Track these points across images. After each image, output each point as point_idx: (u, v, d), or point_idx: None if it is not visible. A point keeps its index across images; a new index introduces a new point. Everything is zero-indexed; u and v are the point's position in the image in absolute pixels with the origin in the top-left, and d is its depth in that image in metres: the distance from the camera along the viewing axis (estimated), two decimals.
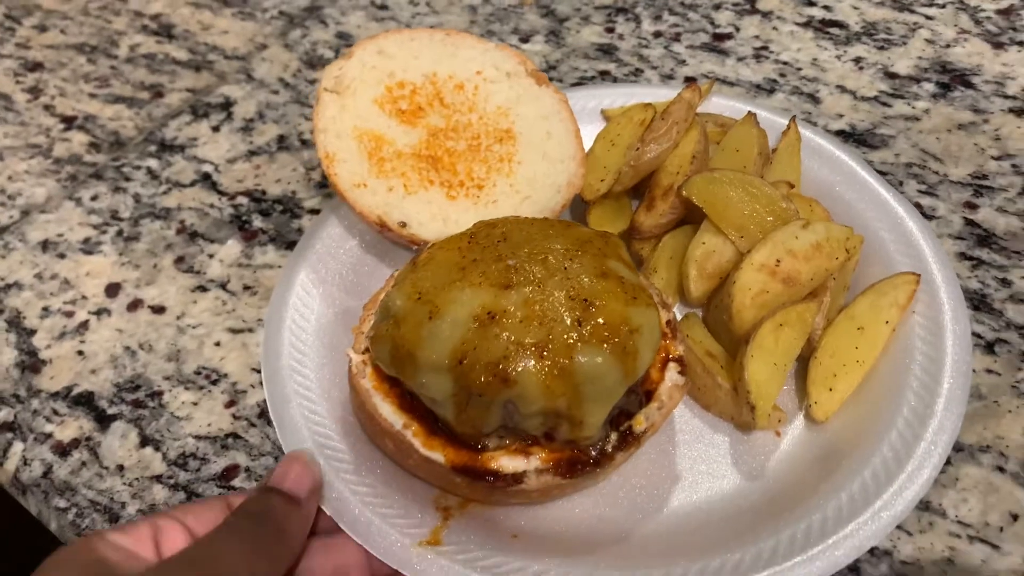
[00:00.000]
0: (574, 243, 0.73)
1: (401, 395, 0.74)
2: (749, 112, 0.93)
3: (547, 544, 0.73)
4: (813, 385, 0.78)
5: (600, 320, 0.68)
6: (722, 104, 0.99)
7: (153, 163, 1.16)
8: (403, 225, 0.88)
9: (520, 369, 0.66)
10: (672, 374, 0.75)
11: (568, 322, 0.67)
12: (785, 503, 0.72)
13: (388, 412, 0.74)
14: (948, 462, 0.76)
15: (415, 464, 0.73)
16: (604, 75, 1.18)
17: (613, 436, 0.72)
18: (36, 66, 1.37)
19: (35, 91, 1.32)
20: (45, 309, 1.00)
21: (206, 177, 1.13)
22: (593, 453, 0.71)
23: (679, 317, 0.87)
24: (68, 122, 1.26)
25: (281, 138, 1.17)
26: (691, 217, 0.88)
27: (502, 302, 0.68)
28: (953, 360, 0.76)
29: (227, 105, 1.23)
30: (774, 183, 0.86)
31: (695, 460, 0.79)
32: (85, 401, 0.91)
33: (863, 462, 0.72)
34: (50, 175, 1.18)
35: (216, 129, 1.20)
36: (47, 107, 1.29)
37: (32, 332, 0.98)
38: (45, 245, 1.08)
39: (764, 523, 0.71)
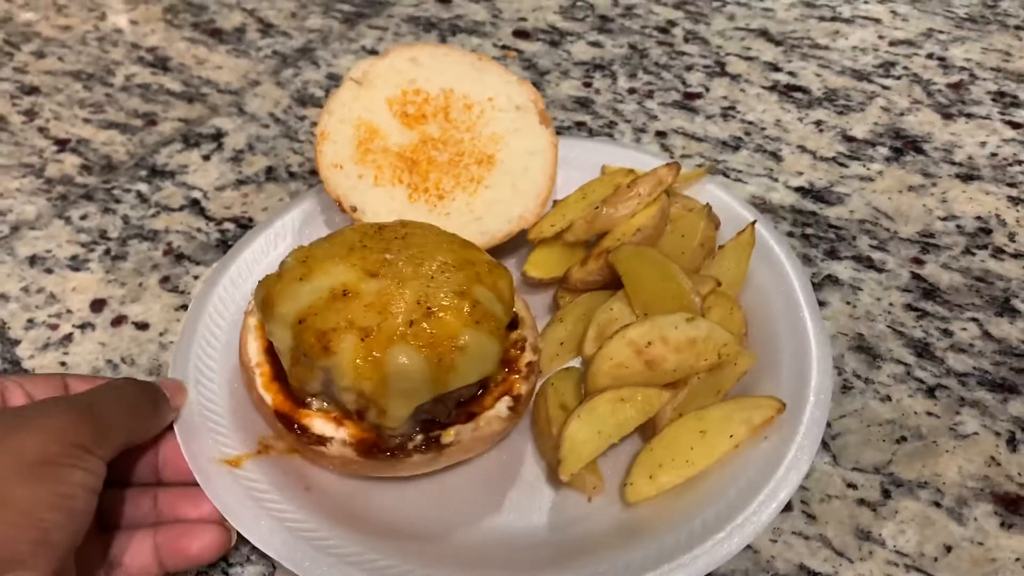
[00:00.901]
0: (458, 261, 0.81)
1: (267, 339, 0.83)
2: (706, 204, 0.93)
3: (332, 509, 0.80)
4: (636, 466, 0.78)
5: (429, 328, 0.75)
6: (712, 192, 1.00)
7: (143, 187, 1.20)
8: (354, 209, 0.96)
9: (341, 344, 0.74)
10: (501, 407, 0.80)
11: (400, 320, 0.75)
12: (568, 559, 0.75)
13: (253, 349, 0.84)
14: (888, 495, 0.81)
15: (255, 400, 0.82)
16: (580, 126, 1.24)
17: (419, 438, 0.78)
18: (32, 90, 1.41)
19: (30, 114, 1.36)
20: (30, 321, 1.03)
21: (195, 203, 1.17)
22: (393, 444, 0.78)
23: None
24: (61, 144, 1.30)
25: (269, 169, 1.22)
26: (616, 284, 0.89)
27: (361, 285, 0.77)
28: (769, 491, 0.75)
29: (218, 136, 1.28)
30: (701, 276, 0.89)
31: (513, 494, 0.82)
32: None
33: (652, 544, 0.74)
34: (41, 194, 1.21)
35: (207, 158, 1.24)
36: (41, 129, 1.33)
37: (16, 342, 1.01)
38: (33, 260, 1.11)
39: (544, 568, 0.75)
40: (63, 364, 0.98)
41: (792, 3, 1.46)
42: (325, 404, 0.79)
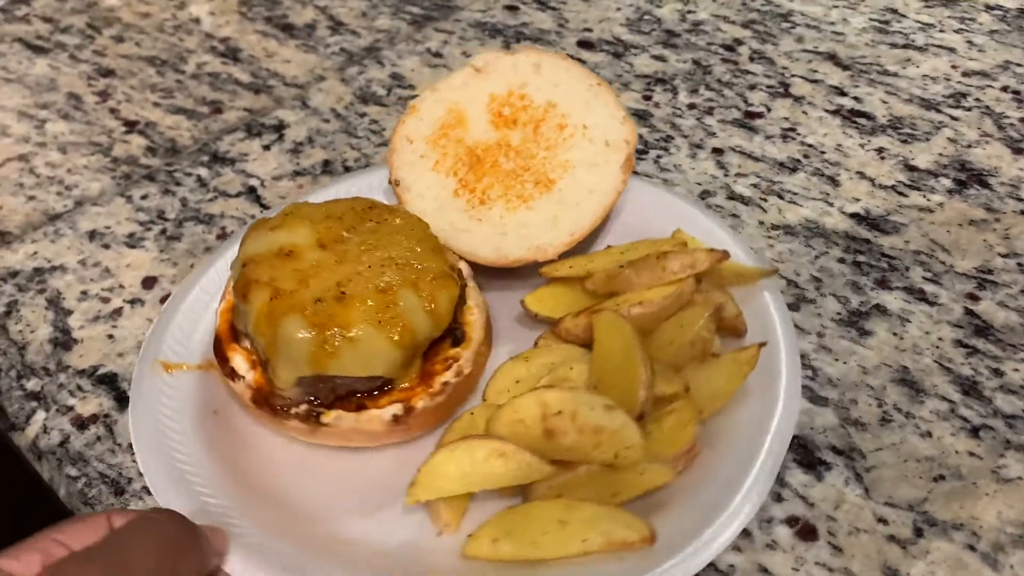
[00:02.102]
0: (404, 260, 0.83)
1: None
2: (716, 305, 0.86)
3: (224, 447, 0.85)
4: (487, 524, 0.75)
5: (329, 311, 0.78)
6: (761, 298, 0.91)
7: (203, 172, 1.23)
8: (397, 183, 0.98)
9: (255, 296, 0.80)
10: (388, 412, 0.81)
11: (310, 294, 0.79)
12: None
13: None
14: (920, 534, 0.78)
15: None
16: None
17: (303, 407, 0.81)
18: (108, 72, 1.46)
19: (104, 95, 1.41)
20: (84, 293, 1.07)
21: (251, 190, 1.20)
22: (278, 403, 0.82)
23: None
24: (130, 126, 1.34)
25: (326, 162, 1.24)
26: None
27: (305, 252, 0.83)
28: None
29: (280, 127, 1.31)
30: (671, 375, 0.81)
31: (392, 500, 0.81)
32: (108, 381, 0.96)
33: None
34: (106, 172, 1.25)
35: (267, 148, 1.27)
36: (112, 110, 1.37)
37: (69, 312, 1.04)
38: (92, 235, 1.14)
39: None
40: (110, 337, 1.01)
41: (864, 28, 1.43)
42: (249, 346, 0.85)
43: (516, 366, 0.88)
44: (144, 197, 1.20)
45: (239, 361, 0.85)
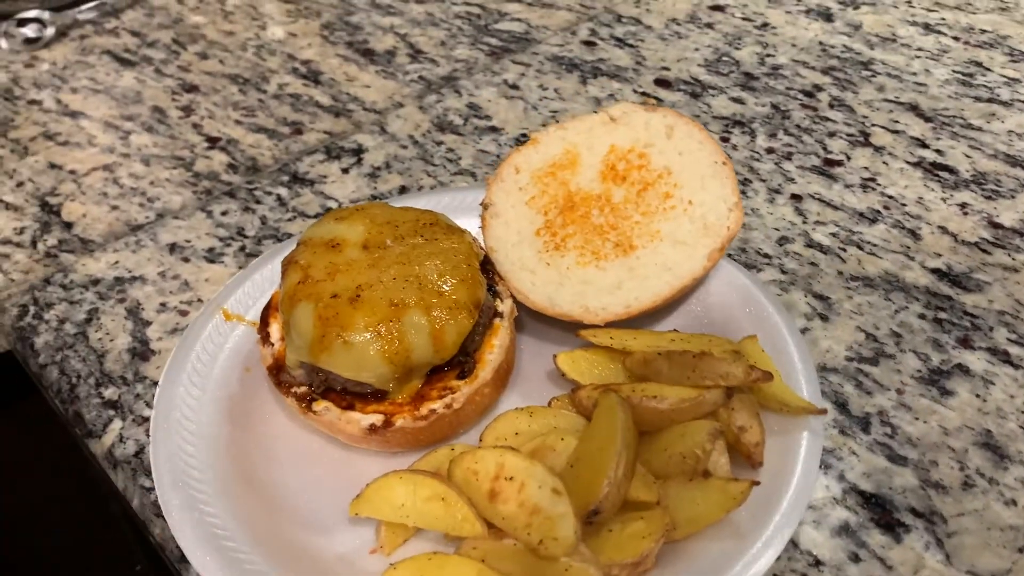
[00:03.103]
0: (428, 283, 0.84)
1: None
2: (721, 430, 0.79)
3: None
4: (407, 562, 0.74)
5: (338, 309, 0.82)
6: (797, 437, 0.82)
7: (283, 191, 1.25)
8: (487, 207, 0.99)
9: (289, 276, 0.87)
10: (368, 419, 0.84)
11: (330, 288, 0.83)
12: None
13: None
14: None
15: None
16: None
17: (302, 389, 0.86)
18: (192, 88, 1.49)
19: (187, 110, 1.44)
20: (162, 304, 1.08)
21: (329, 212, 1.21)
22: (285, 379, 0.88)
23: None
24: (212, 142, 1.36)
25: (403, 188, 1.25)
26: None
27: (348, 249, 0.87)
28: None
29: (359, 151, 1.32)
30: (648, 484, 0.77)
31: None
32: None
33: None
34: (188, 186, 1.28)
35: (345, 171, 1.29)
36: (195, 126, 1.40)
37: (147, 323, 1.06)
38: (173, 247, 1.16)
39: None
40: None
41: (947, 80, 1.41)
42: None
43: (519, 418, 0.86)
44: (224, 213, 1.22)
45: (275, 329, 0.91)
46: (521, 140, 1.33)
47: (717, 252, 0.93)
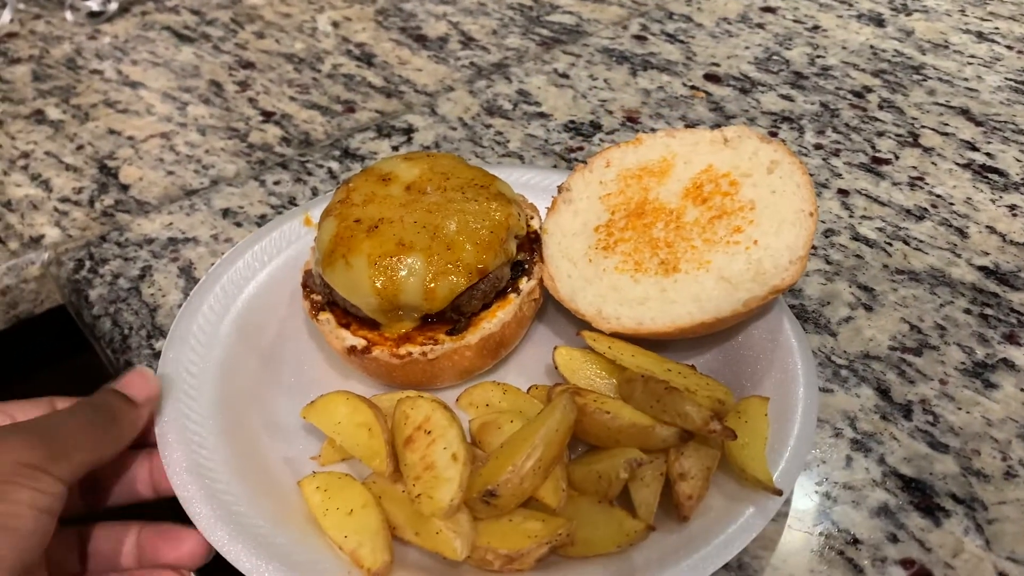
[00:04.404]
0: (447, 242, 0.86)
1: None
2: (635, 464, 0.75)
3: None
4: (327, 474, 0.80)
5: (354, 235, 0.87)
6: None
7: (334, 165, 1.27)
8: (563, 190, 1.00)
9: (338, 192, 0.93)
10: (350, 339, 0.89)
11: (356, 214, 0.89)
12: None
13: None
14: None
15: None
16: None
17: (318, 297, 0.93)
18: (248, 65, 1.52)
19: (244, 85, 1.47)
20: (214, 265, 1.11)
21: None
22: (309, 280, 0.96)
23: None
24: (267, 116, 1.39)
25: None
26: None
27: (392, 185, 0.93)
28: None
29: (409, 131, 1.35)
30: (557, 491, 0.75)
31: None
32: None
33: None
34: (242, 156, 1.31)
35: (395, 149, 1.31)
36: (251, 100, 1.43)
37: (199, 281, 1.08)
38: (226, 212, 1.19)
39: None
40: None
41: (999, 86, 1.41)
42: None
43: (493, 391, 0.89)
44: (277, 183, 1.24)
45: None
46: (570, 127, 1.34)
47: (757, 300, 0.85)
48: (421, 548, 0.74)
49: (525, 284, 0.93)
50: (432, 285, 0.85)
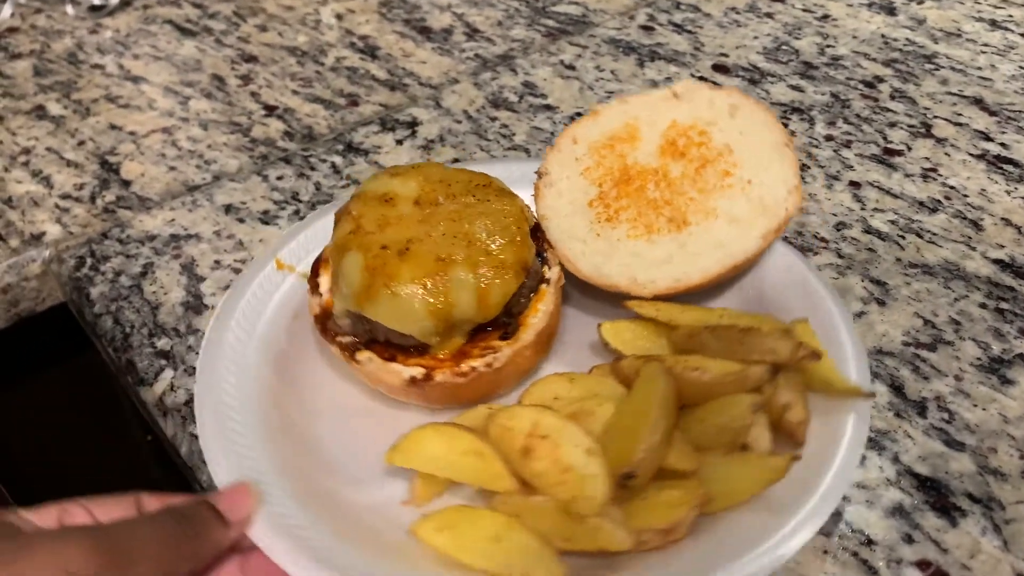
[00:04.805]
0: (476, 242, 0.84)
1: None
2: (763, 404, 0.78)
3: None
4: (440, 512, 0.74)
5: (386, 260, 0.82)
6: (838, 422, 0.79)
7: (338, 159, 1.26)
8: (542, 175, 0.98)
9: (342, 225, 0.87)
10: (408, 371, 0.83)
11: (379, 239, 0.84)
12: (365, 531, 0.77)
13: None
14: None
15: None
16: None
17: (347, 339, 0.87)
18: (251, 58, 1.51)
19: (246, 79, 1.45)
20: (217, 262, 1.09)
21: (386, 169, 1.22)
22: (331, 328, 0.88)
23: None
24: (269, 110, 1.38)
25: (455, 160, 1.25)
26: None
27: (400, 203, 0.88)
28: None
29: (413, 124, 1.33)
30: (685, 454, 0.75)
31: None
32: None
33: None
34: (245, 151, 1.29)
35: (399, 142, 1.29)
36: (253, 94, 1.42)
37: (201, 279, 1.07)
38: (228, 208, 1.18)
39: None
40: None
41: (1013, 75, 1.38)
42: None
43: (559, 383, 0.85)
44: (280, 178, 1.23)
45: (324, 280, 0.91)
46: (578, 116, 1.32)
47: (773, 233, 0.89)
48: (578, 553, 0.72)
49: (551, 272, 0.92)
50: (484, 292, 0.82)
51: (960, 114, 1.31)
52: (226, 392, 0.85)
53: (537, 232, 0.95)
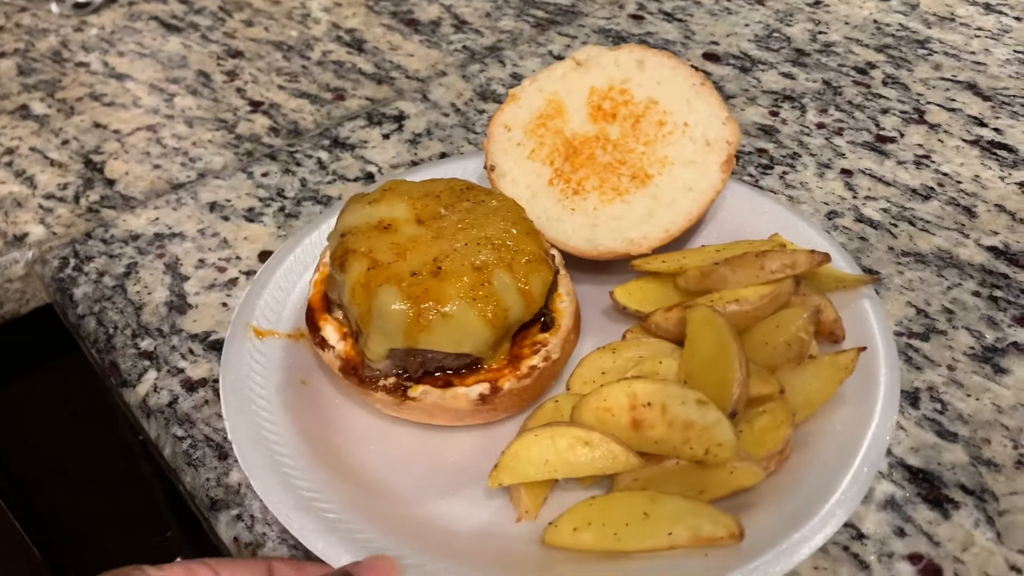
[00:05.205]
0: (501, 241, 0.83)
1: None
2: (814, 308, 0.83)
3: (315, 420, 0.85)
4: (569, 512, 0.72)
5: (425, 285, 0.78)
6: (860, 307, 0.87)
7: (324, 155, 1.24)
8: (492, 169, 0.99)
9: (352, 265, 0.81)
10: (474, 391, 0.81)
11: (407, 267, 0.79)
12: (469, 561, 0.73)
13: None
14: None
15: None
16: (761, 152, 1.20)
17: (391, 380, 0.81)
18: (237, 54, 1.49)
19: (232, 75, 1.44)
20: (201, 261, 1.08)
21: (369, 176, 1.20)
22: (367, 375, 0.82)
23: None
24: (255, 106, 1.36)
25: (443, 154, 1.23)
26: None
27: (403, 226, 0.84)
28: None
29: (400, 118, 1.31)
30: (766, 375, 0.78)
31: (473, 480, 0.80)
32: (219, 347, 0.97)
33: None
34: (230, 148, 1.28)
35: (386, 137, 1.28)
36: (239, 90, 1.40)
37: (186, 278, 1.06)
38: (213, 206, 1.16)
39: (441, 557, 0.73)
40: (224, 305, 1.02)
41: (1008, 59, 1.37)
42: (341, 317, 0.86)
43: (603, 357, 0.86)
44: (265, 175, 1.21)
45: (330, 331, 0.86)
46: None
47: (726, 164, 0.95)
48: (717, 499, 0.73)
49: (556, 256, 0.92)
50: (527, 288, 0.81)
51: (953, 99, 1.29)
52: (287, 476, 0.78)
53: None
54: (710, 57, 1.42)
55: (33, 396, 1.26)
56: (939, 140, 1.21)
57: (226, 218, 1.14)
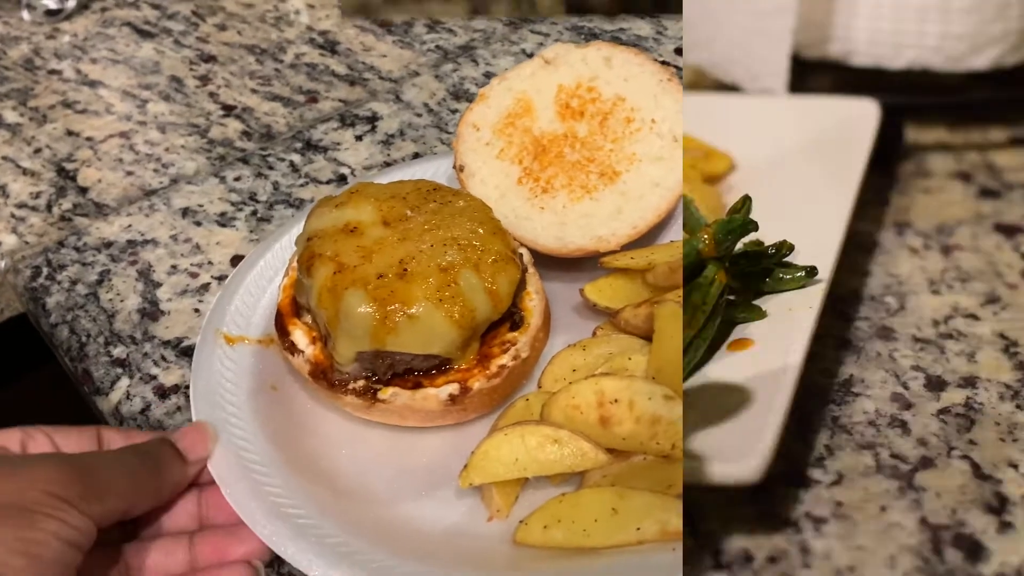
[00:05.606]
0: (467, 241, 0.82)
1: None
2: None
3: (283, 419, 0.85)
4: (539, 510, 0.72)
5: (391, 287, 0.78)
6: None
7: (296, 158, 1.25)
8: (461, 169, 0.99)
9: (319, 270, 0.80)
10: (444, 391, 0.80)
11: (374, 269, 0.79)
12: (439, 561, 0.73)
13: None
14: None
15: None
16: None
17: (360, 383, 0.81)
18: (210, 58, 1.49)
19: (204, 79, 1.44)
20: (173, 267, 1.08)
21: (342, 178, 1.20)
22: (336, 378, 0.82)
23: None
24: (228, 110, 1.36)
25: (416, 155, 1.24)
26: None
27: (370, 228, 0.84)
28: None
29: (373, 119, 1.32)
30: None
31: (444, 480, 0.79)
32: (191, 353, 0.97)
33: None
34: (202, 153, 1.28)
35: (359, 138, 1.28)
36: (212, 94, 1.40)
37: (158, 284, 1.06)
38: (185, 212, 1.16)
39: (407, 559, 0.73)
40: (197, 311, 1.02)
41: None
42: (310, 321, 0.86)
43: (573, 354, 0.86)
44: (237, 179, 1.21)
45: (299, 336, 0.85)
46: None
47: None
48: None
49: (525, 255, 0.92)
50: (494, 287, 0.81)
51: None
52: (259, 482, 0.77)
53: None
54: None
55: (12, 407, 1.26)
56: None
57: (199, 223, 1.14)
